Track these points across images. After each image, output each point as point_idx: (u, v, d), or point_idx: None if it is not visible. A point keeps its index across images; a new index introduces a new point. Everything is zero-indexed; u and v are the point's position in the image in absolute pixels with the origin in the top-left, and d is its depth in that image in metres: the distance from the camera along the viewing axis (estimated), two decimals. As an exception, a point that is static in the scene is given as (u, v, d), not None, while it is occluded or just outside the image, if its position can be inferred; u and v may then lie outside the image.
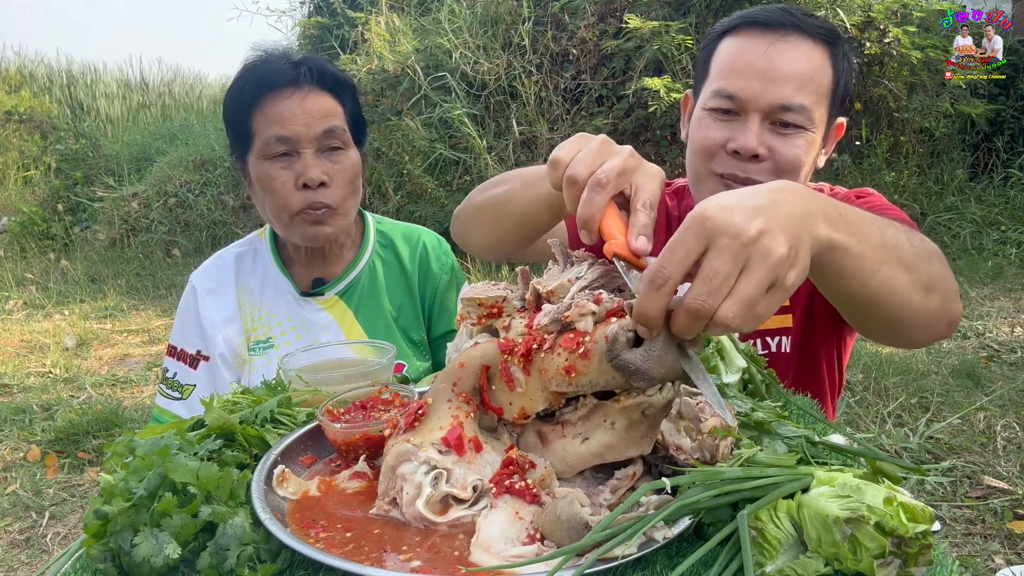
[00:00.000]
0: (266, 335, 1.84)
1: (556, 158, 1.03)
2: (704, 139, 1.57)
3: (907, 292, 1.05)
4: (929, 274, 1.08)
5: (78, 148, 10.81)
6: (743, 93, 1.51)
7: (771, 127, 1.52)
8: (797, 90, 1.49)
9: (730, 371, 1.25)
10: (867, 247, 0.96)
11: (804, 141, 1.52)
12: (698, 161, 1.60)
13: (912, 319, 1.11)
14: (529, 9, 7.67)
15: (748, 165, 1.52)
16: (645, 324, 0.81)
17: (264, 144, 1.70)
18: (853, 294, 1.02)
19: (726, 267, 0.77)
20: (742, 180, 1.52)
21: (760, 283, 0.78)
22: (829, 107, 1.56)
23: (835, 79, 1.54)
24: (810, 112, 1.51)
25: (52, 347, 6.15)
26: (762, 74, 1.50)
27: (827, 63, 1.53)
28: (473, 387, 0.98)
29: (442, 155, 7.44)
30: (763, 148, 1.50)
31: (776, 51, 1.50)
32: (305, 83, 1.70)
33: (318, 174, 1.69)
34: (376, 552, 0.84)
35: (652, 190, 0.96)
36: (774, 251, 0.78)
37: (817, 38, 1.53)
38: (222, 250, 1.96)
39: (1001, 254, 6.74)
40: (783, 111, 1.50)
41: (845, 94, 1.60)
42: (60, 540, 3.40)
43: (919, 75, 7.25)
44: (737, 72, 1.53)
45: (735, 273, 0.77)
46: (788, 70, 1.49)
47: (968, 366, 4.48)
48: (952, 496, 3.24)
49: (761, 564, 0.79)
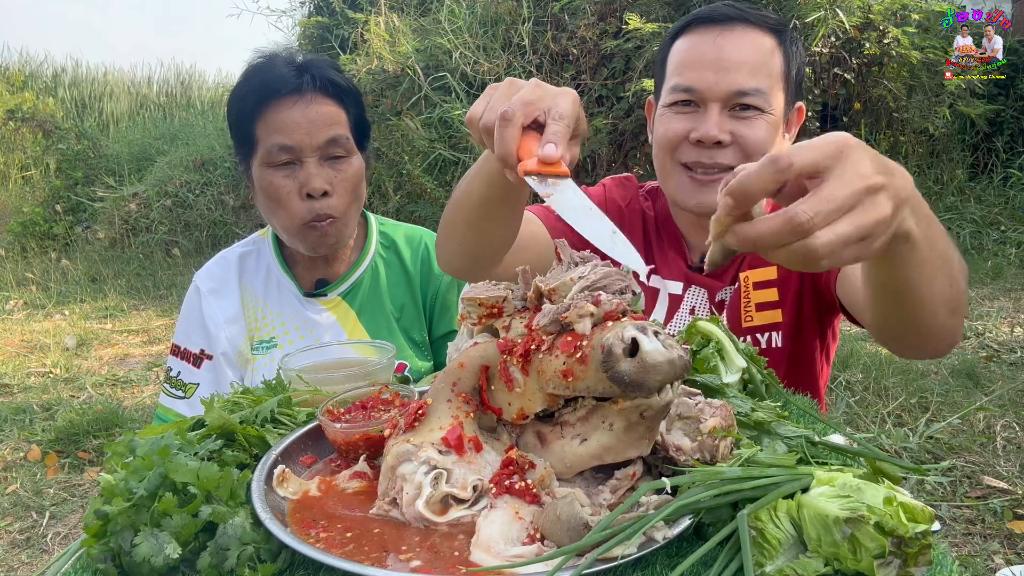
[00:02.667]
0: (269, 335, 1.85)
1: (469, 117, 1.03)
2: (667, 132, 1.62)
3: (943, 307, 1.07)
4: (961, 293, 1.10)
5: (79, 148, 10.83)
6: (699, 84, 1.57)
7: (731, 113, 1.58)
8: (751, 75, 1.56)
9: (730, 371, 1.25)
10: (933, 253, 0.98)
11: (765, 123, 1.58)
12: (663, 155, 1.65)
13: (934, 333, 1.13)
14: (529, 9, 7.67)
15: (713, 152, 1.57)
16: (741, 198, 0.79)
17: (267, 152, 1.69)
18: (903, 293, 1.04)
19: (844, 198, 0.77)
20: (708, 166, 1.58)
21: (861, 230, 0.78)
22: (785, 91, 1.62)
23: (786, 64, 1.61)
24: (766, 94, 1.57)
25: (52, 347, 6.15)
26: (715, 64, 1.56)
27: (776, 49, 1.61)
28: (473, 387, 0.98)
29: (442, 155, 7.44)
30: (725, 135, 1.56)
31: (725, 41, 1.58)
32: (309, 91, 1.69)
33: (321, 184, 1.69)
34: (376, 552, 0.85)
35: (563, 105, 0.97)
36: (884, 209, 0.80)
37: (763, 27, 1.61)
38: (225, 250, 1.96)
39: (1001, 254, 6.74)
40: (740, 95, 1.56)
41: (799, 79, 1.67)
42: (60, 540, 3.40)
43: (918, 75, 7.25)
44: (691, 66, 1.59)
45: (846, 209, 0.78)
46: (739, 57, 1.56)
47: (968, 366, 4.48)
48: (952, 496, 3.24)
49: (761, 564, 0.79)
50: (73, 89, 14.24)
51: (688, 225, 1.79)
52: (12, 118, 12.31)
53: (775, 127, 1.60)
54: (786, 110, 1.65)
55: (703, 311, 1.77)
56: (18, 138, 12.19)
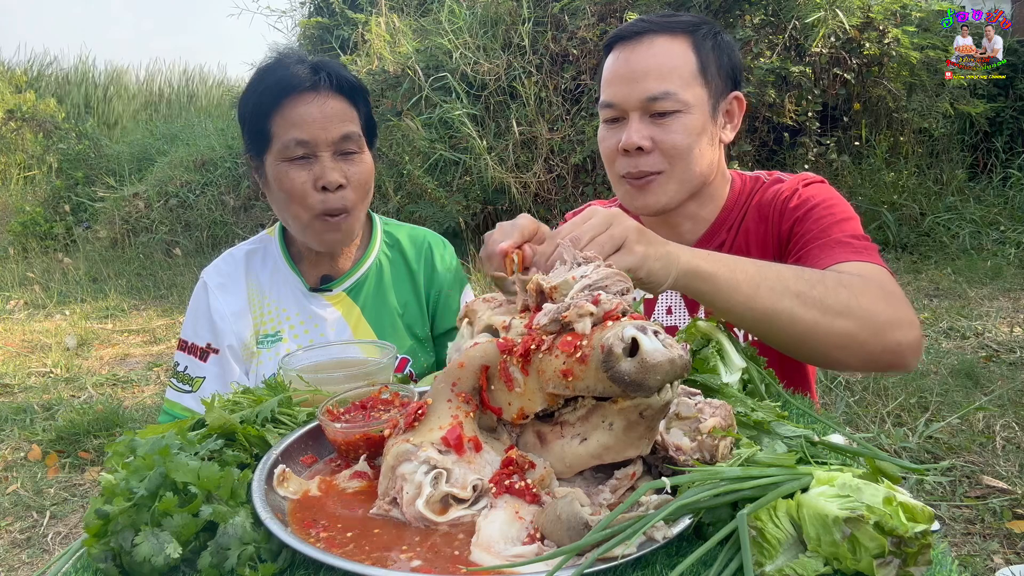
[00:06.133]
0: (275, 329, 1.88)
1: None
2: (605, 148, 1.75)
3: (795, 313, 1.27)
4: (835, 300, 1.30)
5: (80, 148, 10.83)
6: (616, 98, 1.69)
7: (651, 120, 1.66)
8: (659, 80, 1.64)
9: (730, 371, 1.25)
10: (740, 276, 1.25)
11: (682, 124, 1.65)
12: (608, 168, 1.77)
13: (812, 338, 1.30)
14: (529, 9, 7.67)
15: (639, 160, 1.67)
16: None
17: (283, 146, 1.73)
18: (741, 313, 1.27)
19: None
20: (636, 175, 1.69)
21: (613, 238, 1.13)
22: (706, 86, 1.68)
23: (700, 61, 1.68)
24: (677, 95, 1.64)
25: (53, 347, 6.16)
26: (626, 77, 1.67)
27: (688, 49, 1.68)
28: (473, 387, 0.98)
29: (442, 155, 7.44)
30: (645, 141, 1.65)
31: (632, 54, 1.68)
32: (324, 88, 1.74)
33: (337, 177, 1.73)
34: (376, 552, 0.85)
35: (521, 223, 1.20)
36: (629, 222, 1.15)
37: (675, 32, 1.69)
38: (233, 248, 2.01)
39: (1000, 254, 6.74)
40: (652, 102, 1.65)
41: (731, 69, 1.73)
42: (61, 540, 3.40)
43: (918, 75, 7.25)
44: (609, 82, 1.71)
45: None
46: (646, 66, 1.66)
47: (967, 366, 4.48)
48: (951, 496, 3.24)
49: (761, 564, 0.79)
50: (79, 88, 14.25)
51: (652, 223, 1.84)
52: (12, 118, 12.32)
53: (699, 124, 1.66)
54: (715, 103, 1.70)
55: (679, 310, 1.84)
56: (19, 138, 12.20)
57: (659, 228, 1.82)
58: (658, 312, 1.86)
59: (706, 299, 1.27)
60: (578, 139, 7.30)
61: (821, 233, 1.58)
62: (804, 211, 1.64)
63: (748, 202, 1.77)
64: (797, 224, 1.65)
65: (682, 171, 1.67)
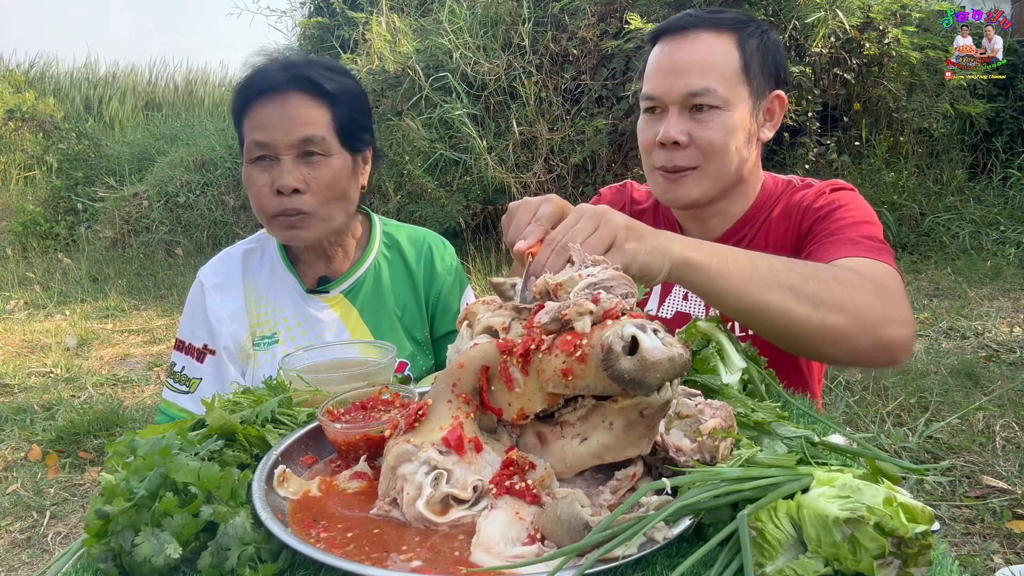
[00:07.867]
0: (271, 330, 1.87)
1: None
2: (642, 138, 1.77)
3: (787, 306, 1.27)
4: (827, 295, 1.30)
5: (80, 148, 10.83)
6: (657, 91, 1.70)
7: (690, 115, 1.67)
8: (701, 76, 1.65)
9: (730, 372, 1.25)
10: (732, 266, 1.25)
11: (720, 121, 1.66)
12: (644, 158, 1.79)
13: (803, 332, 1.29)
14: (529, 10, 7.67)
15: (675, 154, 1.68)
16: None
17: (247, 148, 1.75)
18: (733, 304, 1.27)
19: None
20: (671, 169, 1.69)
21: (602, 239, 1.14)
22: (749, 84, 1.69)
23: (744, 58, 1.68)
24: (718, 92, 1.65)
25: (53, 347, 6.16)
26: (669, 71, 1.69)
27: (732, 47, 1.68)
28: (473, 388, 0.98)
29: (442, 155, 7.44)
30: (683, 135, 1.66)
31: (677, 49, 1.70)
32: (290, 89, 1.71)
33: (291, 181, 1.71)
34: (376, 552, 0.85)
35: (545, 212, 1.21)
36: (617, 220, 1.16)
37: (720, 28, 1.70)
38: (230, 247, 1.99)
39: (1000, 254, 6.73)
40: (693, 97, 1.66)
41: (774, 68, 1.74)
42: (61, 540, 3.40)
43: (918, 75, 7.25)
44: (652, 75, 1.73)
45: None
46: (689, 61, 1.67)
47: (967, 366, 4.47)
48: (951, 496, 3.24)
49: (761, 564, 0.79)
50: (79, 88, 14.25)
51: (681, 215, 1.87)
52: (12, 118, 12.32)
53: (737, 122, 1.67)
54: (756, 101, 1.71)
55: (695, 297, 1.83)
56: (18, 138, 12.20)
57: (688, 221, 1.85)
58: (674, 298, 1.86)
59: (698, 289, 1.27)
60: (578, 139, 7.30)
61: (836, 231, 1.59)
62: (826, 211, 1.65)
63: (776, 203, 1.78)
64: (817, 223, 1.65)
65: (717, 168, 1.68)
